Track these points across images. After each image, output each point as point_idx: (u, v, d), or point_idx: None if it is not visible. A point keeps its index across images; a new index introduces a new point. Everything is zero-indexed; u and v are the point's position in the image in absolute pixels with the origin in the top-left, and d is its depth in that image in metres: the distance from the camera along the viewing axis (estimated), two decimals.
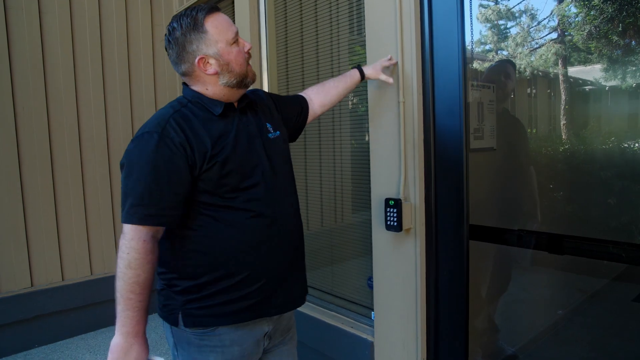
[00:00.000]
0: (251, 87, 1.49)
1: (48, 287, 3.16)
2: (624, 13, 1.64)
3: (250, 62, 1.41)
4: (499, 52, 2.13)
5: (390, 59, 1.85)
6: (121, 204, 1.23)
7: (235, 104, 1.40)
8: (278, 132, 1.48)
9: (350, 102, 2.45)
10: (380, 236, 2.03)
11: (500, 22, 2.05)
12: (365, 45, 2.07)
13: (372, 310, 2.17)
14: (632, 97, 1.66)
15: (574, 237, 1.61)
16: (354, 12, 2.35)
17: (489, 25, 2.05)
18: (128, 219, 1.20)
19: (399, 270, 1.98)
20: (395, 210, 1.88)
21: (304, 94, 1.77)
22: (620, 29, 1.65)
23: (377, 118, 2.01)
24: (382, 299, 2.09)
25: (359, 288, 2.45)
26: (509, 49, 2.09)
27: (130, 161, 1.23)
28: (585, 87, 1.82)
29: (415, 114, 1.86)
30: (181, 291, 1.32)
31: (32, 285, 3.11)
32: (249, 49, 1.37)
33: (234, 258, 1.30)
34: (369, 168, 2.08)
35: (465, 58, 1.79)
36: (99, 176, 3.42)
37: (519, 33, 1.99)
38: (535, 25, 1.91)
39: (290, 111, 1.66)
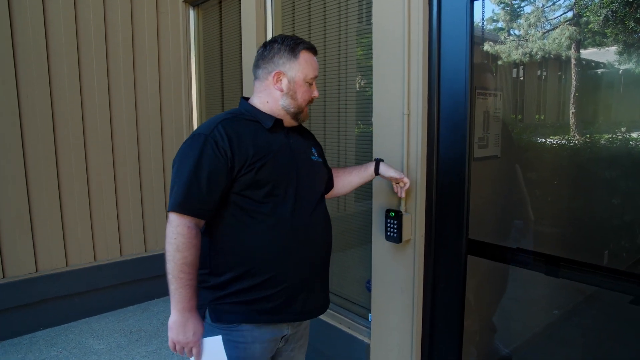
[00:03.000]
0: None
1: (52, 273, 3.22)
2: None
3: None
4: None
5: (403, 180, 1.75)
6: (169, 194, 1.37)
7: (286, 124, 1.53)
8: (320, 159, 1.63)
9: (355, 109, 2.43)
10: (380, 245, 2.05)
11: (512, 29, 2.02)
12: (372, 47, 2.04)
13: (370, 312, 2.22)
14: None
15: (571, 260, 1.62)
16: (363, 16, 2.31)
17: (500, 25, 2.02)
18: (172, 208, 1.33)
19: (397, 278, 2.01)
20: (395, 222, 1.90)
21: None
22: (638, 14, 1.62)
23: (381, 129, 2.01)
24: (380, 305, 2.12)
25: (357, 289, 2.49)
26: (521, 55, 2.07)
27: (179, 157, 1.37)
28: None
29: (419, 126, 1.85)
30: (210, 287, 1.42)
31: (36, 271, 3.17)
32: (314, 97, 1.53)
33: (257, 260, 1.40)
34: None
35: (472, 72, 1.77)
36: (102, 163, 3.43)
37: (530, 32, 1.96)
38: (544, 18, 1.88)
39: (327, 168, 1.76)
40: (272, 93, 1.48)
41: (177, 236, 1.32)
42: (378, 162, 1.74)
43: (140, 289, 3.64)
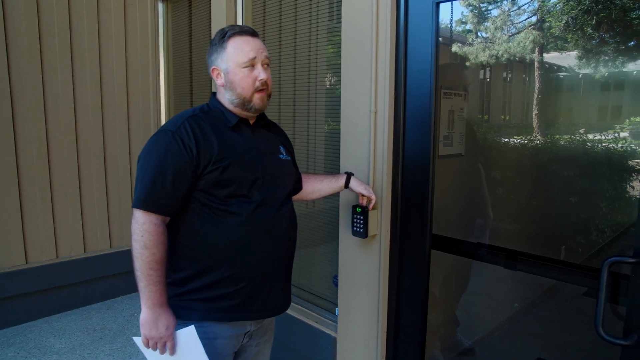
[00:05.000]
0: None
1: (11, 270, 3.10)
2: (600, 6, 1.69)
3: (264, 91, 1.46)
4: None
5: (371, 196, 1.81)
6: (134, 190, 1.37)
7: (251, 122, 1.52)
8: (289, 158, 1.61)
9: (324, 107, 2.46)
10: (347, 241, 2.09)
11: (479, 30, 2.09)
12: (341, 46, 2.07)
13: (337, 306, 2.25)
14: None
15: (527, 254, 1.70)
16: (334, 14, 2.34)
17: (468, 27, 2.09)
18: (137, 205, 1.33)
19: (363, 273, 2.05)
20: (361, 218, 1.93)
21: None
22: (594, 22, 1.71)
23: (349, 127, 2.04)
24: (346, 299, 2.16)
25: (325, 284, 2.52)
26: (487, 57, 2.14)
27: (145, 154, 1.37)
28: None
29: (386, 124, 1.89)
30: (170, 283, 1.42)
31: None
32: (262, 80, 1.42)
33: (218, 257, 1.39)
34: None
35: (437, 72, 1.82)
36: (66, 157, 3.33)
37: (496, 35, 2.03)
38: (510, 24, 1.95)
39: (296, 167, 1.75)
40: (219, 90, 1.49)
41: (144, 234, 1.31)
42: (349, 175, 1.79)
43: (105, 286, 3.56)
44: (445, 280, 2.39)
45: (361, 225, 1.95)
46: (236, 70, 1.41)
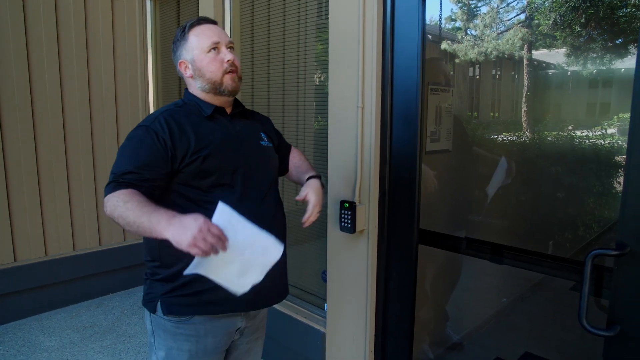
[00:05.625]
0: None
1: (0, 269, 3.09)
2: (587, 3, 1.70)
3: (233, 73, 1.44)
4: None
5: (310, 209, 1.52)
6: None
7: (228, 110, 1.51)
8: (271, 144, 1.59)
9: (314, 102, 2.46)
10: (335, 236, 2.09)
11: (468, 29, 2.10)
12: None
13: (326, 301, 2.26)
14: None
15: (513, 248, 1.71)
16: (322, 11, 2.33)
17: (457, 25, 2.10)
18: (106, 191, 1.28)
19: (351, 268, 2.06)
20: (349, 213, 1.94)
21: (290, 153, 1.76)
22: (582, 19, 1.72)
23: (336, 122, 2.04)
24: (335, 295, 2.17)
25: (314, 280, 2.53)
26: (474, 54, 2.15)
27: (121, 147, 1.37)
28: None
29: (373, 120, 1.90)
30: (161, 279, 1.41)
31: None
32: (230, 61, 1.42)
33: None
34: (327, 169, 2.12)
35: (424, 68, 1.83)
36: (54, 155, 3.30)
37: (485, 32, 2.04)
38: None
39: (281, 151, 1.71)
40: (189, 83, 1.49)
41: (117, 200, 1.22)
42: (314, 177, 1.60)
43: (95, 284, 3.54)
44: (435, 274, 2.41)
45: (349, 221, 1.95)
46: (202, 56, 1.42)
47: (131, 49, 3.69)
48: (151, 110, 3.80)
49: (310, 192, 1.50)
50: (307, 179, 1.58)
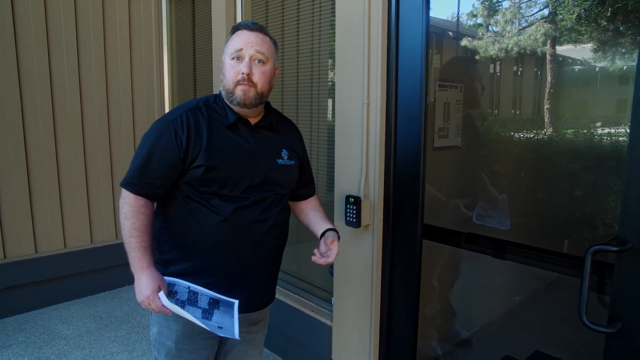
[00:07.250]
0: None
1: (21, 259, 3.21)
2: None
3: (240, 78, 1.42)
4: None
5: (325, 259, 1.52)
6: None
7: (253, 121, 1.49)
8: (292, 162, 1.56)
9: (325, 98, 2.48)
10: (341, 230, 2.10)
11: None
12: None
13: (333, 295, 2.29)
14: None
15: (516, 244, 1.71)
16: (334, 10, 2.36)
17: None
18: (124, 184, 1.41)
19: (357, 263, 2.09)
20: (354, 208, 1.97)
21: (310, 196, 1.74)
22: (608, 13, 1.69)
23: (342, 118, 2.07)
24: (341, 289, 2.20)
25: (321, 274, 2.56)
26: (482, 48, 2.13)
27: (144, 137, 1.43)
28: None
29: (378, 116, 1.92)
30: (157, 262, 1.47)
31: (4, 257, 3.15)
32: (244, 73, 1.39)
33: (195, 249, 1.44)
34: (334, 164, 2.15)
35: (428, 64, 1.84)
36: (73, 151, 3.41)
37: (506, 28, 2.02)
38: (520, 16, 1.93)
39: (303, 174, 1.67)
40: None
41: (124, 206, 1.39)
42: (330, 231, 1.60)
43: (111, 276, 3.65)
44: (436, 269, 2.41)
45: (354, 216, 1.98)
46: (227, 61, 1.44)
47: (147, 48, 3.78)
48: (167, 110, 3.88)
49: (337, 243, 1.53)
50: (329, 230, 1.59)
